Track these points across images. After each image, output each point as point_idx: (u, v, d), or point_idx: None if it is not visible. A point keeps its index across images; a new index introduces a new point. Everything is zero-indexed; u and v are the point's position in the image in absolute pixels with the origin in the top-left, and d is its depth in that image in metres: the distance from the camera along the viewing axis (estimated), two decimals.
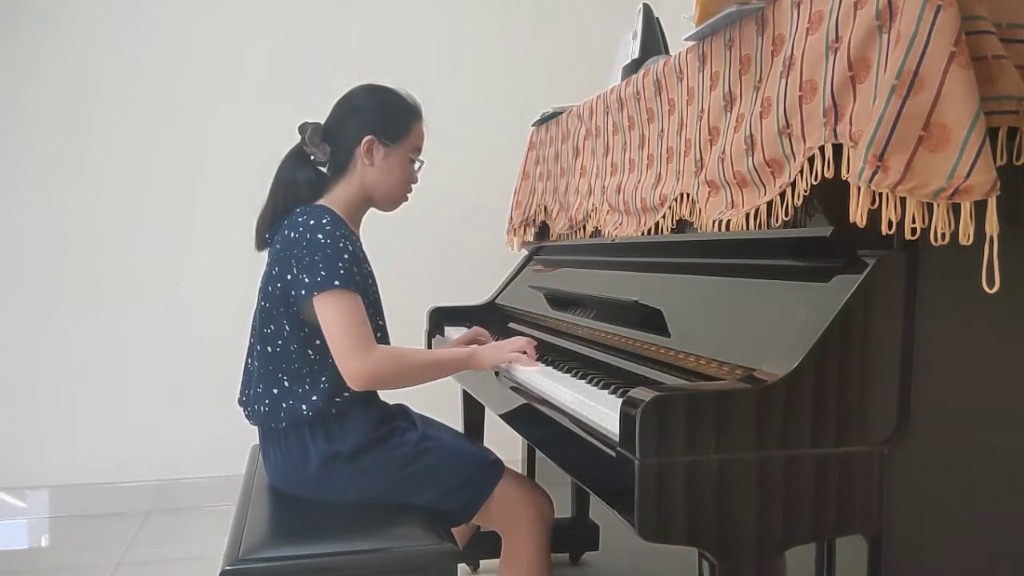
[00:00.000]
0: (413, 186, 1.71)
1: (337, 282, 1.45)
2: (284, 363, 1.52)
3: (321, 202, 1.60)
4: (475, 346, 1.65)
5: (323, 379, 1.51)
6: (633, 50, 2.00)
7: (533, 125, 2.51)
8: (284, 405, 1.52)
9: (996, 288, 0.95)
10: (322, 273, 1.45)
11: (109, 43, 2.83)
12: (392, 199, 1.68)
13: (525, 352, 1.58)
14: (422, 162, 1.70)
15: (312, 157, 1.63)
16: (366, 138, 1.60)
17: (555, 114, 2.33)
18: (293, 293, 1.49)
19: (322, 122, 1.64)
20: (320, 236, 1.48)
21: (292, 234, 1.51)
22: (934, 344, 1.04)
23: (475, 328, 1.92)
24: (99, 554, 2.52)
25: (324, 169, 1.66)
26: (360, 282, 1.50)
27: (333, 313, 1.45)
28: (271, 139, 1.91)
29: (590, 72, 2.67)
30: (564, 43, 3.17)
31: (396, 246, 2.70)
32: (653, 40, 1.99)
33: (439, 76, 3.04)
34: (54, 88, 2.80)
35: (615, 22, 2.63)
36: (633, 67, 1.96)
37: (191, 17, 2.89)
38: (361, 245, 1.61)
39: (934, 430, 1.04)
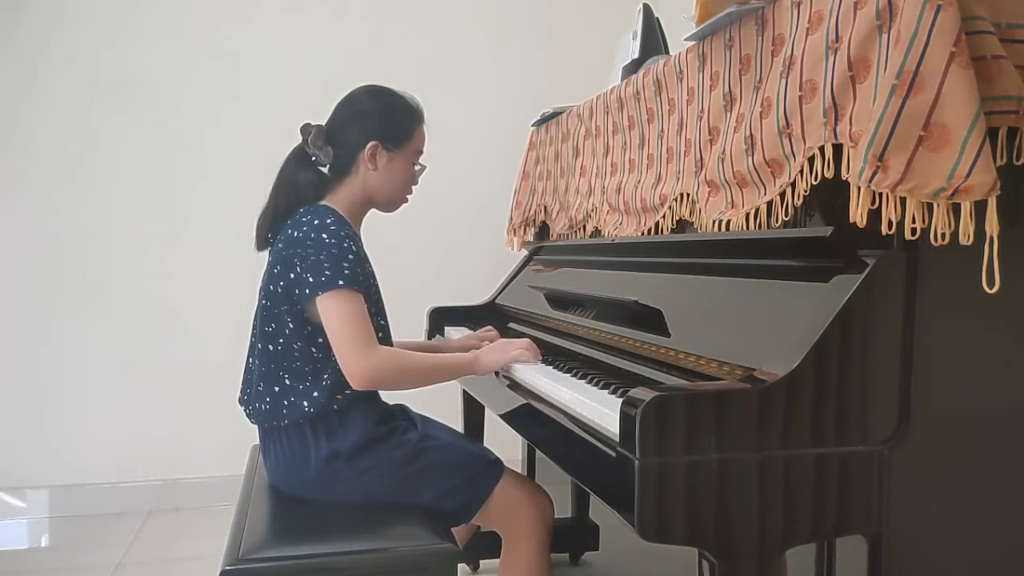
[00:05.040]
0: (413, 187, 1.72)
1: (341, 282, 1.45)
2: (286, 361, 1.53)
3: (324, 202, 1.60)
4: (477, 351, 1.64)
5: (325, 376, 1.51)
6: (633, 50, 2.00)
7: (533, 125, 2.52)
8: (286, 402, 1.52)
9: (996, 288, 0.95)
10: (327, 272, 1.45)
11: (109, 43, 2.83)
12: (393, 202, 1.70)
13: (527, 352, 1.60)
14: (424, 167, 1.71)
15: (314, 159, 1.63)
16: (370, 144, 1.60)
17: (555, 114, 2.34)
18: (297, 292, 1.50)
19: (324, 123, 1.64)
20: (325, 236, 1.48)
21: (296, 233, 1.51)
22: (934, 344, 1.04)
23: (487, 329, 1.93)
24: (99, 554, 2.52)
25: (325, 170, 1.66)
26: (363, 282, 1.51)
27: (337, 313, 1.46)
28: (270, 139, 1.91)
29: (590, 72, 2.66)
30: (564, 43, 3.17)
31: (396, 246, 2.69)
32: (653, 40, 1.99)
33: (439, 76, 3.04)
34: (53, 89, 2.79)
35: (615, 22, 2.63)
36: (633, 67, 1.96)
37: (191, 18, 2.89)
38: (362, 245, 1.62)
39: (934, 430, 1.05)
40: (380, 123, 1.62)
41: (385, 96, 1.65)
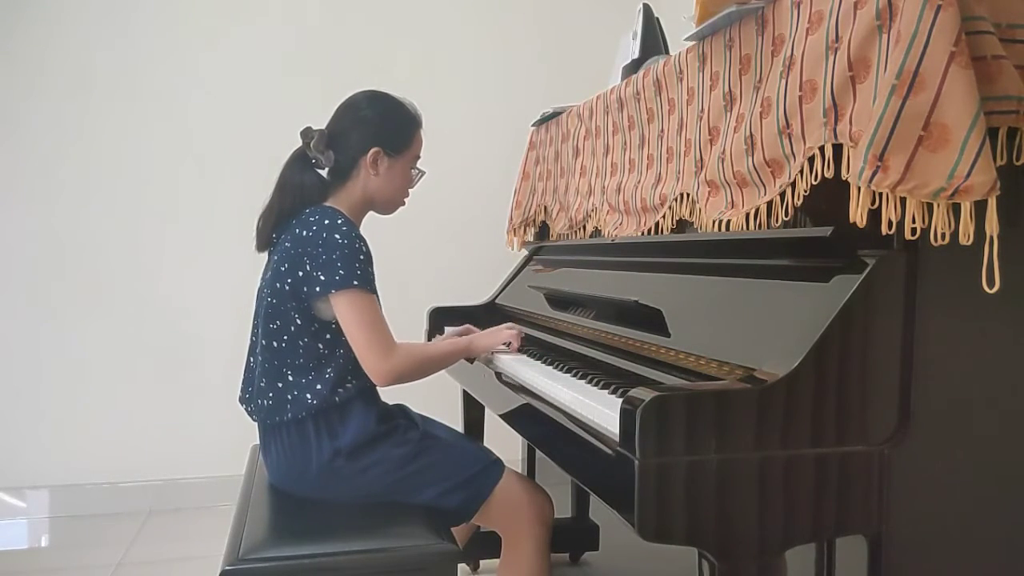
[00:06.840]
0: (411, 191, 1.74)
1: (356, 282, 1.47)
2: (290, 358, 1.53)
3: (328, 204, 1.61)
4: (471, 335, 1.75)
5: (328, 371, 1.53)
6: (633, 50, 2.00)
7: (533, 125, 2.52)
8: (289, 397, 1.53)
9: (996, 288, 0.95)
10: (340, 272, 1.47)
11: (109, 43, 2.83)
12: (392, 205, 1.72)
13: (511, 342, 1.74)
14: (423, 172, 1.73)
15: (314, 162, 1.64)
16: (372, 150, 1.62)
17: (555, 114, 2.34)
18: (306, 289, 1.51)
19: (324, 128, 1.65)
20: (337, 236, 1.50)
21: (305, 232, 1.52)
22: (934, 344, 1.04)
23: (465, 326, 1.95)
24: (99, 554, 2.52)
25: (324, 173, 1.67)
26: (373, 282, 1.53)
27: (354, 313, 1.48)
28: (269, 140, 1.92)
29: (590, 72, 2.66)
30: (564, 43, 3.17)
31: (396, 246, 2.70)
32: (653, 40, 1.99)
33: (439, 76, 3.05)
34: (53, 89, 2.79)
35: (615, 22, 2.63)
36: (633, 67, 1.96)
37: (190, 18, 2.89)
38: None
39: (934, 430, 1.05)
40: (381, 129, 1.64)
41: (386, 102, 1.67)
